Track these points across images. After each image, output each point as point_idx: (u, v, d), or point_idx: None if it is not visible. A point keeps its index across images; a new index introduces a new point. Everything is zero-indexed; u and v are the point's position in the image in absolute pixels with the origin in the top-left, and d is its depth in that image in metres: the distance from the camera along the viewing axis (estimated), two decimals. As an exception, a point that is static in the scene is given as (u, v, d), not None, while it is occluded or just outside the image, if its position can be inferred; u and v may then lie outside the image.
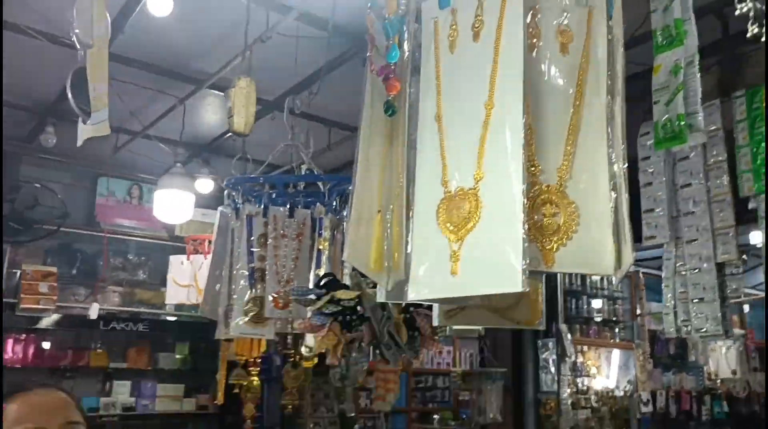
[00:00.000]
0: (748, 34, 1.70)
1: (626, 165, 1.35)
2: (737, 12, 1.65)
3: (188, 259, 4.76)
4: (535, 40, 1.41)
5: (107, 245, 5.96)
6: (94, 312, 5.31)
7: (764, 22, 1.67)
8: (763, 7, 1.60)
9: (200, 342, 6.74)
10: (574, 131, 1.38)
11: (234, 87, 2.76)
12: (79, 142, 1.84)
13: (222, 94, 5.02)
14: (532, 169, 1.28)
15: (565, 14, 1.44)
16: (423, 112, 1.47)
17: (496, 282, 1.19)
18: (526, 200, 1.20)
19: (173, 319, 6.77)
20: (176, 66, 4.69)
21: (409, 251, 1.36)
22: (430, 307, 2.27)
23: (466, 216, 1.26)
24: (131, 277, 6.66)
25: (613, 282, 7.37)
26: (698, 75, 2.94)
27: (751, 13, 1.57)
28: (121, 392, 6.20)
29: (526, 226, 1.18)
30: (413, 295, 1.32)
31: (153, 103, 5.20)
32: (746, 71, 3.77)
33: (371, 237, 1.48)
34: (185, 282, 4.68)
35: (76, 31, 1.76)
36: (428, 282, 1.31)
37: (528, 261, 1.14)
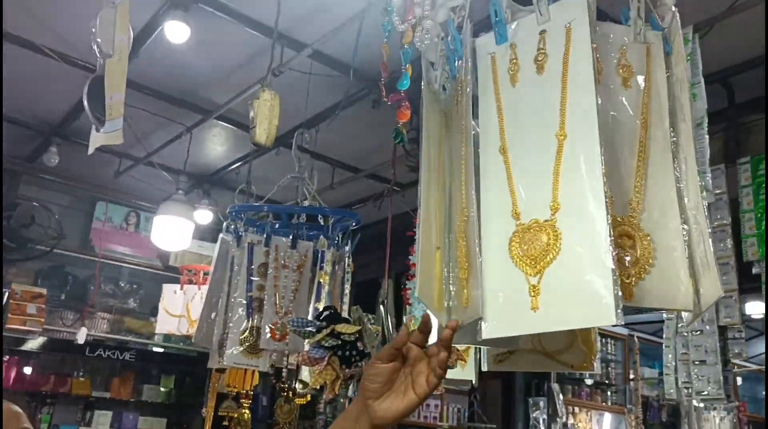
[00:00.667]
0: None
1: (705, 199, 1.33)
2: None
3: (182, 288, 4.69)
4: (598, 75, 1.40)
5: (100, 270, 5.88)
6: (81, 336, 5.20)
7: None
8: None
9: (186, 375, 6.60)
10: (642, 164, 1.36)
11: (258, 98, 2.75)
12: (91, 150, 1.82)
13: (229, 126, 5.06)
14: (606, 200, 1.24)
15: (623, 48, 1.45)
16: (485, 146, 1.43)
17: (584, 315, 1.14)
18: (611, 230, 1.15)
19: (161, 350, 6.65)
20: (186, 94, 4.72)
21: (479, 288, 1.30)
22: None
23: (545, 248, 1.22)
24: (121, 304, 6.56)
25: (686, 319, 7.29)
26: (707, 137, 2.98)
27: None
28: (102, 423, 6.03)
29: (615, 256, 1.13)
30: (489, 332, 1.25)
31: (159, 130, 5.21)
32: (750, 139, 3.82)
33: (433, 274, 1.45)
34: (177, 312, 4.60)
35: (98, 39, 1.75)
36: (506, 319, 1.25)
37: (620, 291, 1.10)
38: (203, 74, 4.46)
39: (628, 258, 1.20)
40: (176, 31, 3.62)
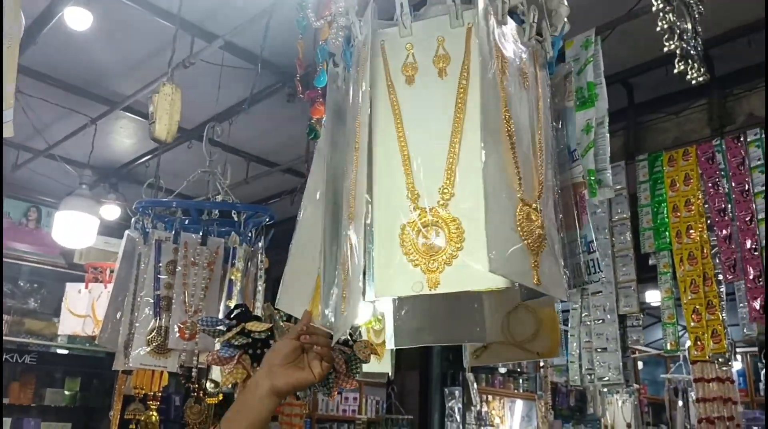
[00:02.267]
0: (675, 70, 1.80)
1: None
2: (665, 49, 1.74)
3: (86, 287, 4.48)
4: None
5: (-4, 269, 5.54)
6: (-26, 340, 4.89)
7: None
8: (690, 49, 1.70)
9: (93, 377, 6.33)
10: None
11: (158, 92, 2.65)
12: (-21, 144, 1.70)
13: (136, 118, 4.88)
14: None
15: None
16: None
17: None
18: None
19: (65, 352, 6.34)
20: (90, 85, 4.51)
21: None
22: (346, 343, 2.22)
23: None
24: (21, 304, 6.20)
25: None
26: (608, 135, 3.11)
27: (678, 51, 1.66)
28: (-1, 430, 5.68)
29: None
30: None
31: (61, 121, 4.96)
32: (648, 137, 4.04)
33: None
34: (81, 312, 4.39)
35: (-14, 26, 1.64)
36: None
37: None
38: (109, 64, 4.27)
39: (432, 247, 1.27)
40: (78, 18, 3.46)
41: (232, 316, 2.22)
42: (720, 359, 3.20)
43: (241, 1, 3.53)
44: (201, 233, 2.81)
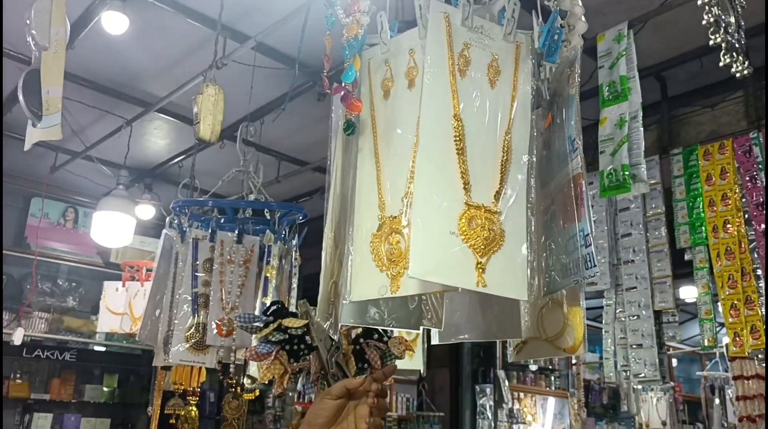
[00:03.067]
0: (720, 63, 1.78)
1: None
2: (711, 42, 1.72)
3: (124, 285, 4.58)
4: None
5: (36, 268, 5.68)
6: (18, 337, 5.01)
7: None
8: (734, 42, 1.69)
9: (130, 374, 6.46)
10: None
11: (201, 94, 2.70)
12: (27, 146, 1.76)
13: (170, 119, 4.96)
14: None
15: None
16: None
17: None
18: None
19: (102, 349, 6.48)
20: (125, 87, 4.60)
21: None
22: (381, 339, 2.24)
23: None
24: (60, 303, 6.34)
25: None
26: (641, 129, 3.09)
27: (723, 44, 1.64)
28: (42, 425, 5.83)
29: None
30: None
31: (97, 123, 5.07)
32: (682, 131, 3.98)
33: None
34: (119, 309, 4.49)
35: (33, 31, 1.70)
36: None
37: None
38: (143, 66, 4.35)
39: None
40: (114, 22, 3.52)
41: (269, 312, 2.26)
42: (759, 356, 3.15)
43: (272, 2, 3.57)
44: (237, 232, 2.86)
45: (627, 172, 2.83)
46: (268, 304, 2.71)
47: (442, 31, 1.44)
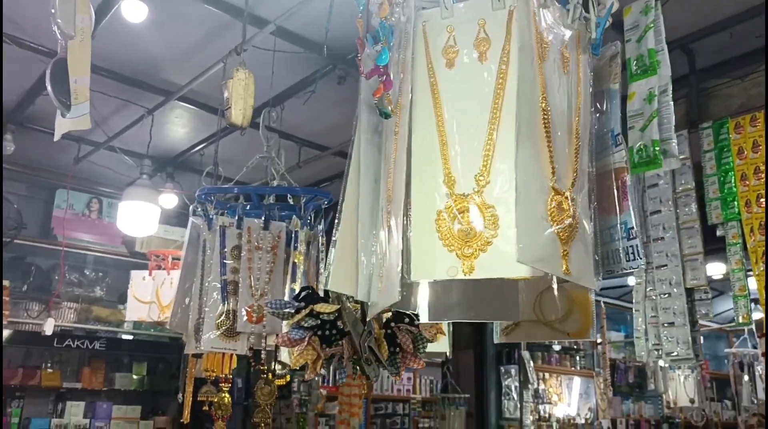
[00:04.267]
0: None
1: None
2: None
3: (150, 274, 4.61)
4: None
5: (64, 259, 5.75)
6: (49, 328, 5.08)
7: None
8: None
9: (158, 362, 6.53)
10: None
11: (232, 78, 2.68)
12: (57, 136, 1.76)
13: (192, 107, 4.96)
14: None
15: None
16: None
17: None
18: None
19: (131, 337, 6.56)
20: (146, 76, 4.60)
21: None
22: (412, 323, 2.22)
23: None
24: (88, 293, 6.42)
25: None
26: (671, 103, 3.01)
27: None
28: (75, 413, 5.92)
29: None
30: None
31: (118, 113, 5.08)
32: (711, 104, 3.90)
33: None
34: (146, 298, 4.53)
35: (58, 20, 1.68)
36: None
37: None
38: (162, 54, 4.34)
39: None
40: (134, 10, 3.52)
41: (300, 298, 2.26)
42: (794, 332, 3.10)
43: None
44: (263, 218, 2.85)
45: (657, 148, 2.76)
46: (297, 291, 2.71)
47: (529, 14, 1.38)
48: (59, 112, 1.70)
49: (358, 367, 2.21)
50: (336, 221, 1.59)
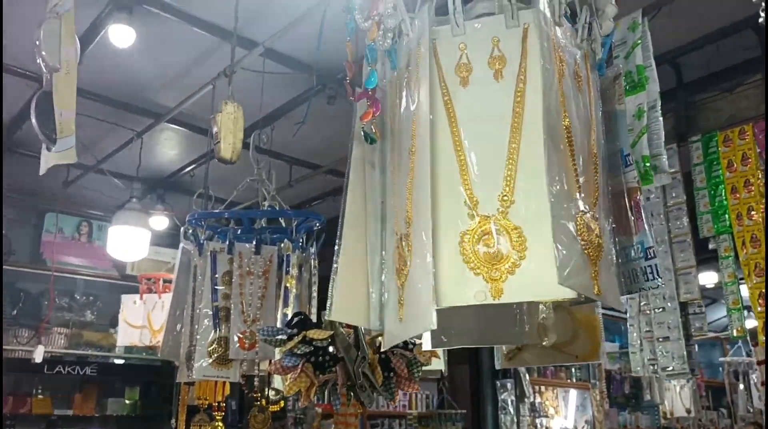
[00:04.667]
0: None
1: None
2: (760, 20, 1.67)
3: (141, 298, 4.57)
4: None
5: (53, 284, 5.69)
6: (39, 355, 5.01)
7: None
8: None
9: (151, 386, 6.46)
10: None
11: (221, 112, 2.66)
12: (42, 170, 1.73)
13: (181, 128, 4.94)
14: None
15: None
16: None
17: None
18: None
19: (122, 362, 6.50)
20: (134, 99, 4.58)
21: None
22: (406, 347, 2.20)
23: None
24: (78, 317, 6.36)
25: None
26: (661, 119, 3.04)
27: None
28: (66, 441, 5.85)
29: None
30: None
31: (107, 136, 5.05)
32: (700, 118, 3.91)
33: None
34: (138, 322, 4.49)
35: (43, 52, 1.67)
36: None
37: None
38: (151, 77, 4.33)
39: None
40: (121, 35, 3.50)
41: (292, 324, 2.23)
42: (789, 343, 3.09)
43: (279, 7, 3.53)
44: (254, 242, 2.83)
45: (648, 164, 2.77)
46: (289, 315, 2.69)
47: (544, 32, 1.36)
48: (44, 145, 1.68)
49: (352, 393, 2.19)
50: (336, 247, 1.55)
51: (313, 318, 2.81)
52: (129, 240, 4.48)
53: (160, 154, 5.49)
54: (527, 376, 7.32)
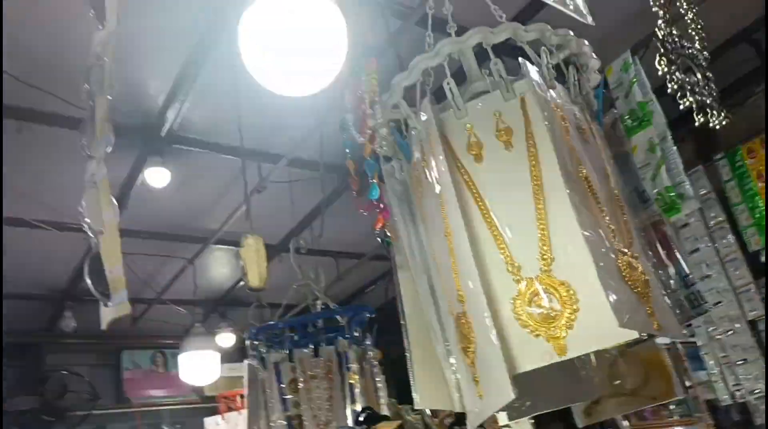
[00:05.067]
0: (696, 123, 1.77)
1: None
2: (681, 107, 1.74)
3: (223, 418, 4.68)
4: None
5: (140, 421, 5.87)
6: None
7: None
8: (705, 99, 1.70)
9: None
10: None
11: (243, 246, 2.86)
12: (104, 326, 1.89)
13: (228, 247, 5.18)
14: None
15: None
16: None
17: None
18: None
19: (215, 483, 6.53)
20: (180, 229, 4.86)
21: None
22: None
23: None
24: (168, 448, 6.50)
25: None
26: (674, 148, 3.07)
27: (694, 105, 1.65)
28: None
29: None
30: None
31: (163, 268, 5.33)
32: (719, 134, 3.90)
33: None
34: (224, 443, 4.58)
35: (87, 220, 1.86)
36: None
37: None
38: (191, 206, 4.61)
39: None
40: (157, 177, 3.78)
41: (361, 421, 2.30)
42: None
43: (292, 119, 3.76)
44: (312, 346, 2.92)
45: (673, 193, 2.79)
46: (358, 411, 2.74)
47: (541, 97, 1.45)
48: (101, 303, 1.84)
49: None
50: (405, 340, 1.61)
51: (384, 409, 2.86)
52: (200, 364, 4.64)
53: (213, 274, 5.74)
54: (625, 422, 7.00)
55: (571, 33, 1.60)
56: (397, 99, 1.66)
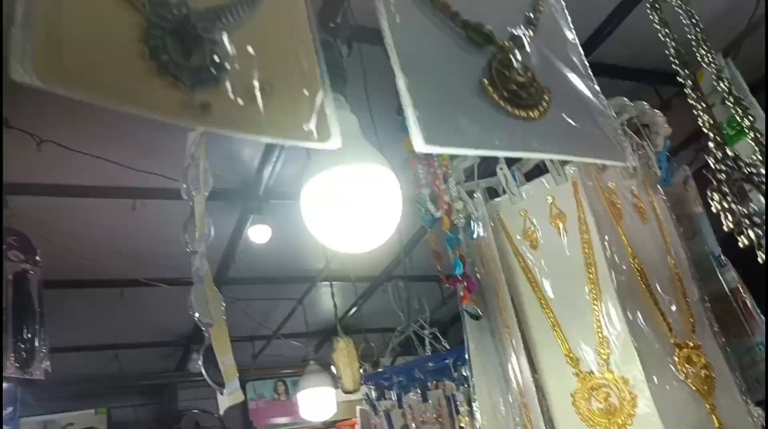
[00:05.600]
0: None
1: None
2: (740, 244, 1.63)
3: (343, 444, 4.85)
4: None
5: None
6: None
7: None
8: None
9: None
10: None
11: (335, 351, 3.02)
12: (221, 412, 2.06)
13: (334, 282, 5.35)
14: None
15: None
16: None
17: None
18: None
19: None
20: (287, 272, 5.09)
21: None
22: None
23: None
24: (305, 476, 6.76)
25: None
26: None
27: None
28: None
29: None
30: None
31: (276, 308, 5.60)
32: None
33: None
34: (348, 470, 4.74)
35: (196, 314, 2.01)
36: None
37: None
38: (295, 250, 4.79)
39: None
40: (259, 233, 3.99)
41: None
42: None
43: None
44: (419, 392, 2.99)
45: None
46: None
47: (591, 181, 1.47)
48: (218, 391, 2.00)
49: None
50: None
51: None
52: (318, 401, 4.83)
53: (323, 308, 5.95)
54: None
55: (647, 105, 1.57)
56: (459, 178, 1.70)
